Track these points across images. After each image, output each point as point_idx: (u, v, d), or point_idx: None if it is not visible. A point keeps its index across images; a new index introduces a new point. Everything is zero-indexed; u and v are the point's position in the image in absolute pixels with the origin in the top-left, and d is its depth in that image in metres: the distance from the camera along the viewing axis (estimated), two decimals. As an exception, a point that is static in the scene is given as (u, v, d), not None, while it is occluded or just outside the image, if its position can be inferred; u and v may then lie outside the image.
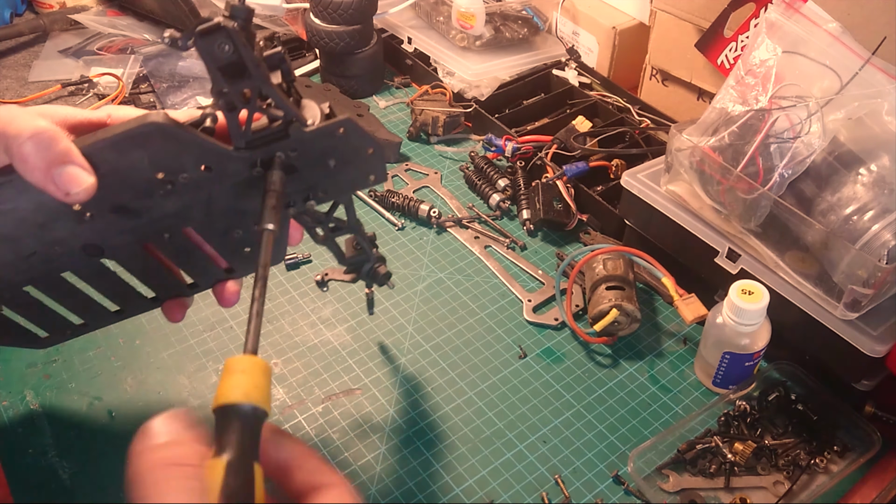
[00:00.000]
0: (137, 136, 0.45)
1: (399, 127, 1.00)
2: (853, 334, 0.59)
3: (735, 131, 0.64)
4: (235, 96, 0.45)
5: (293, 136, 0.48)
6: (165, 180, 0.47)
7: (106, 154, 0.45)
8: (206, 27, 0.42)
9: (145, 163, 0.46)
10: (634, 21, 1.00)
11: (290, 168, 0.49)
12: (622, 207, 0.78)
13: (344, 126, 0.49)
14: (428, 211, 0.84)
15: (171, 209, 0.49)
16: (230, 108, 0.45)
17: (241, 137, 0.47)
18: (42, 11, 1.20)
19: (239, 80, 0.44)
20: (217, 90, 0.44)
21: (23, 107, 0.48)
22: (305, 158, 0.49)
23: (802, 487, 0.60)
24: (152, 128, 0.44)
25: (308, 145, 0.48)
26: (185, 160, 0.47)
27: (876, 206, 0.58)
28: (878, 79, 0.61)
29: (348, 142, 0.50)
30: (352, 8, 0.97)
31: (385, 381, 0.69)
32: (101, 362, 0.69)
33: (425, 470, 0.62)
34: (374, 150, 0.51)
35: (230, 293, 0.56)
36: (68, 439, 0.63)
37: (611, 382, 0.69)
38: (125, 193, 0.47)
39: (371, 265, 0.61)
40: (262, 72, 0.44)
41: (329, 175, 0.51)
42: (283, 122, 0.47)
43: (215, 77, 0.44)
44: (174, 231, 0.51)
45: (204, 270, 0.55)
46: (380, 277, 0.62)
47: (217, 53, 0.43)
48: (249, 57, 0.43)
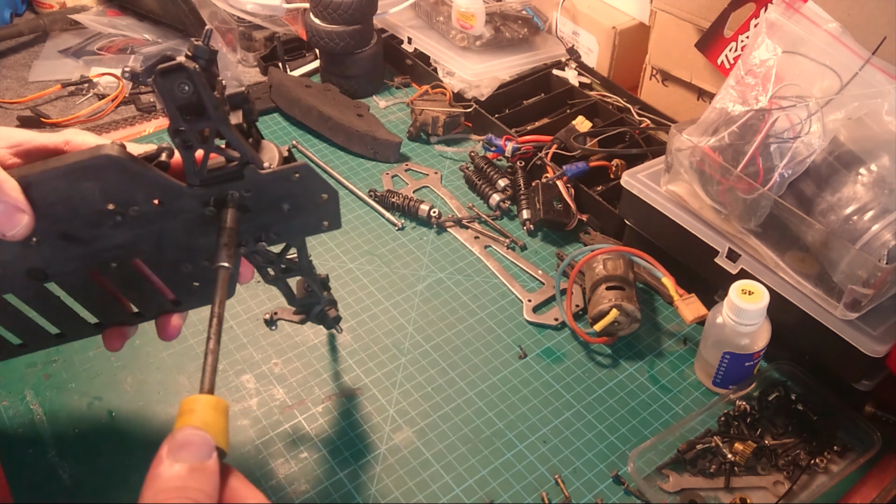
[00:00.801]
0: (90, 167, 0.45)
1: (399, 127, 1.00)
2: (853, 334, 0.59)
3: (735, 131, 0.64)
4: (192, 135, 0.45)
5: (248, 178, 0.48)
6: (116, 212, 0.47)
7: (56, 183, 0.45)
8: (166, 66, 0.42)
9: (96, 194, 0.46)
10: (634, 21, 1.00)
11: (244, 208, 0.49)
12: (622, 207, 0.78)
13: (300, 171, 0.49)
14: (428, 211, 0.84)
15: (121, 240, 0.49)
16: (186, 147, 0.45)
17: (196, 175, 0.47)
18: (42, 11, 1.20)
19: (197, 120, 0.44)
20: (174, 128, 0.44)
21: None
22: (259, 200, 0.49)
23: (802, 487, 0.60)
24: (105, 161, 0.44)
25: (262, 187, 0.49)
26: (136, 193, 0.47)
27: (876, 206, 0.58)
28: (878, 79, 0.61)
29: (304, 187, 0.50)
30: (352, 8, 0.97)
31: (385, 381, 0.69)
32: (101, 362, 0.69)
33: (425, 470, 0.62)
34: (330, 197, 0.51)
35: (172, 327, 0.56)
36: (68, 439, 0.63)
37: (611, 382, 0.69)
38: (74, 221, 0.47)
39: (321, 308, 0.61)
40: (220, 113, 0.44)
41: (282, 218, 0.51)
42: (238, 163, 0.47)
43: (173, 115, 0.44)
44: (122, 261, 0.50)
45: (150, 301, 0.55)
46: (329, 321, 0.62)
47: (176, 93, 0.43)
48: (209, 98, 0.43)
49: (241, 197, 0.49)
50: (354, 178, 0.92)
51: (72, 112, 1.01)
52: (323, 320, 0.63)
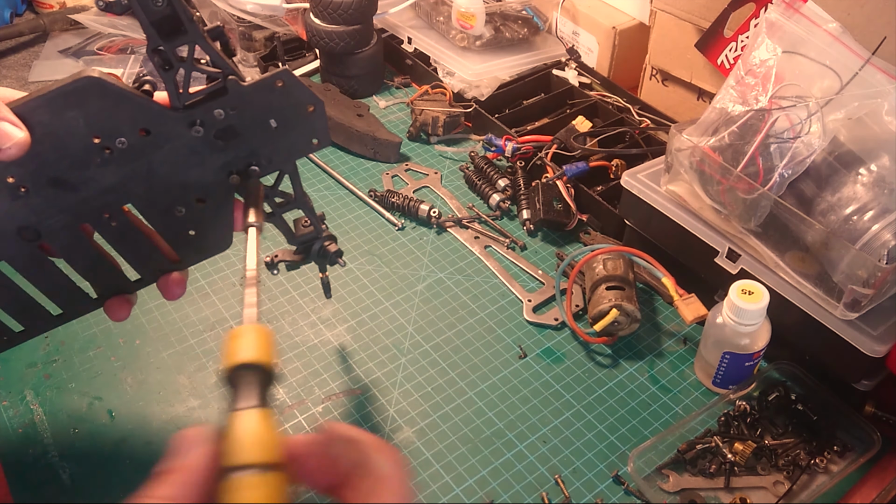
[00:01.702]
0: (72, 91, 0.44)
1: (399, 127, 1.00)
2: (853, 334, 0.59)
3: (735, 131, 0.64)
4: (171, 54, 0.44)
5: (231, 92, 0.47)
6: (102, 146, 0.46)
7: (40, 114, 0.44)
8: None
9: (80, 124, 0.45)
10: (634, 21, 1.00)
11: (231, 131, 0.48)
12: (622, 207, 0.78)
13: (282, 78, 0.48)
14: (428, 211, 0.84)
15: (110, 181, 0.47)
16: (166, 67, 0.45)
17: (179, 98, 0.46)
18: (42, 11, 1.20)
19: (174, 38, 0.44)
20: (152, 48, 0.44)
21: None
22: (246, 118, 0.48)
23: (802, 487, 0.60)
24: (87, 82, 0.44)
25: (247, 101, 0.48)
26: (121, 121, 0.46)
27: (876, 206, 0.58)
28: (878, 79, 0.61)
29: (289, 97, 0.49)
30: (352, 8, 0.97)
31: (385, 381, 0.69)
32: (101, 362, 0.69)
33: (425, 470, 0.62)
34: (316, 108, 0.50)
35: (174, 283, 0.54)
36: (68, 439, 0.63)
37: (611, 382, 0.69)
38: (61, 162, 0.46)
39: (321, 243, 0.59)
40: (197, 27, 0.44)
41: (271, 138, 0.50)
42: (221, 78, 0.47)
43: (150, 34, 0.43)
44: (114, 209, 0.49)
45: (147, 259, 0.53)
46: (330, 256, 0.60)
47: (151, 7, 0.42)
48: (183, 10, 0.43)
49: (227, 116, 0.48)
50: (354, 178, 0.92)
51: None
52: (324, 256, 0.60)
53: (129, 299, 0.55)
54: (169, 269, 0.54)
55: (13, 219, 0.47)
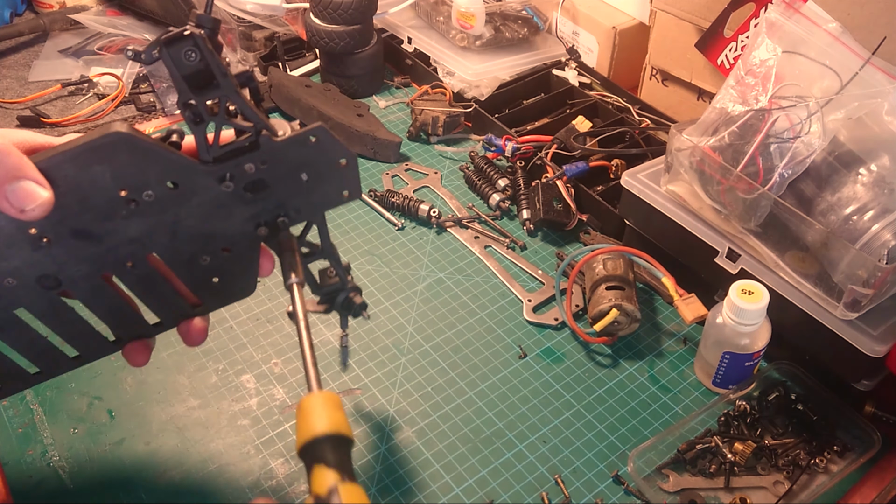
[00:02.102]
0: (100, 147, 0.42)
1: (399, 127, 1.00)
2: (853, 334, 0.59)
3: (735, 131, 0.64)
4: (202, 108, 0.43)
5: (263, 147, 0.46)
6: (129, 199, 0.45)
7: (66, 168, 0.43)
8: (172, 35, 0.41)
9: (107, 178, 0.44)
10: (634, 21, 1.00)
11: (261, 184, 0.47)
12: (622, 207, 0.78)
13: (316, 134, 0.47)
14: (428, 211, 0.84)
15: (135, 233, 0.46)
16: (197, 121, 0.44)
17: (209, 151, 0.45)
18: (42, 11, 1.20)
19: (206, 91, 0.43)
20: (183, 101, 0.43)
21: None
22: (276, 172, 0.47)
23: (802, 487, 0.60)
24: (116, 138, 0.42)
25: (279, 156, 0.47)
26: (149, 175, 0.44)
27: (876, 206, 0.58)
28: (878, 79, 0.61)
29: (321, 152, 0.48)
30: (352, 8, 0.97)
31: (385, 381, 0.69)
32: (101, 362, 0.68)
33: (425, 470, 0.62)
34: (349, 162, 0.49)
35: (196, 331, 0.53)
36: (68, 439, 0.63)
37: (611, 382, 0.69)
38: (85, 214, 0.44)
39: (346, 294, 0.57)
40: (229, 80, 0.43)
41: (301, 191, 0.49)
42: (252, 132, 0.45)
43: (181, 88, 0.43)
44: (137, 259, 0.48)
45: (169, 305, 0.52)
46: (356, 308, 0.58)
47: (183, 62, 0.42)
48: (216, 65, 0.42)
49: (257, 170, 0.46)
50: (354, 178, 0.92)
51: (72, 112, 1.01)
52: (349, 308, 0.58)
53: (149, 344, 0.53)
54: (190, 314, 0.53)
55: (33, 268, 0.45)
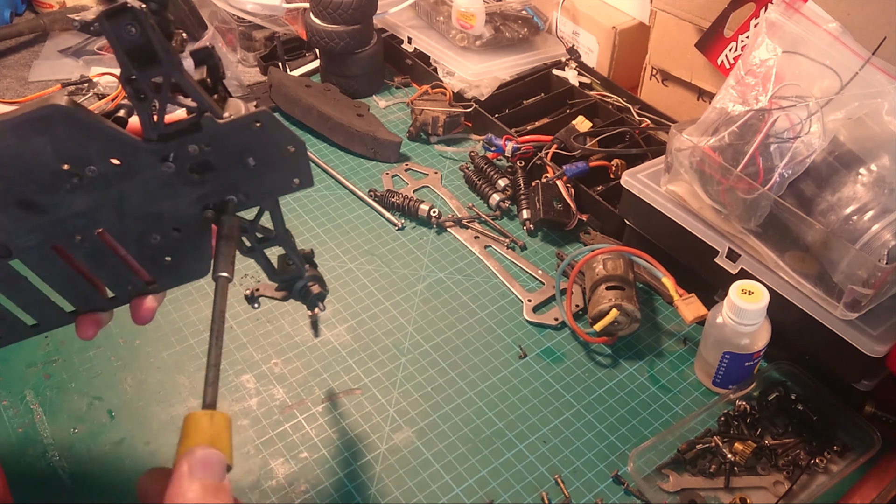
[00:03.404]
0: (38, 118, 0.42)
1: (399, 127, 1.00)
2: (853, 334, 0.59)
3: (735, 131, 0.64)
4: (144, 84, 0.43)
5: (206, 129, 0.45)
6: (71, 172, 0.44)
7: (6, 138, 0.42)
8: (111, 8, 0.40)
9: (48, 151, 0.43)
10: (634, 21, 1.00)
11: (207, 165, 0.47)
12: (622, 207, 0.78)
13: (260, 119, 0.46)
14: (428, 211, 0.84)
15: (80, 207, 0.46)
16: (140, 97, 0.43)
17: (152, 129, 0.44)
18: (42, 11, 1.21)
19: (149, 67, 0.42)
20: (125, 76, 0.42)
21: None
22: (221, 155, 0.47)
23: (802, 487, 0.60)
24: (53, 110, 0.42)
25: (223, 140, 0.46)
26: (91, 150, 0.44)
27: (876, 206, 0.58)
28: (878, 79, 0.61)
29: (267, 137, 0.47)
30: (352, 8, 0.97)
31: (385, 381, 0.69)
32: (101, 362, 0.69)
33: (425, 470, 0.62)
34: (297, 149, 0.48)
35: (145, 310, 0.52)
36: (68, 439, 0.63)
37: (611, 382, 0.69)
38: (29, 185, 0.44)
39: (304, 283, 0.57)
40: (172, 58, 0.42)
41: (249, 176, 0.48)
42: (196, 113, 0.45)
43: (123, 61, 0.42)
44: (86, 233, 0.48)
45: (122, 280, 0.51)
46: (311, 298, 0.57)
47: (123, 35, 0.41)
48: (158, 41, 0.41)
49: (201, 151, 0.46)
50: (354, 178, 0.92)
51: (72, 112, 1.00)
52: (305, 297, 0.58)
53: (99, 319, 0.53)
54: (145, 291, 0.53)
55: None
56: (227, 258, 0.45)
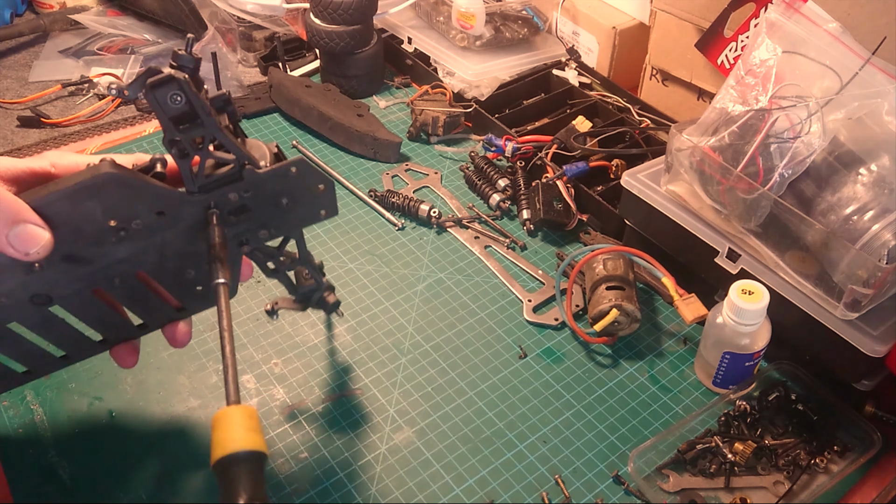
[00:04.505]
0: (91, 187, 0.45)
1: (399, 127, 1.00)
2: (853, 334, 0.59)
3: (735, 131, 0.64)
4: (188, 144, 0.45)
5: (247, 179, 0.49)
6: (118, 227, 0.47)
7: (59, 206, 0.45)
8: (156, 79, 0.43)
9: (98, 212, 0.46)
10: (634, 21, 1.00)
11: (243, 209, 0.50)
12: (622, 207, 0.78)
13: (297, 166, 0.50)
14: (428, 211, 0.84)
15: (124, 255, 0.49)
16: (183, 155, 0.46)
17: (195, 182, 0.47)
18: (42, 11, 1.20)
19: (191, 128, 0.45)
20: (169, 139, 0.45)
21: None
22: (258, 199, 0.50)
23: (802, 487, 0.60)
24: (106, 178, 0.45)
25: (261, 186, 0.49)
26: (138, 207, 0.47)
27: (876, 206, 0.58)
28: (878, 79, 0.61)
29: (301, 180, 0.51)
30: (352, 8, 0.97)
31: (385, 381, 0.69)
32: (101, 362, 0.69)
33: (425, 470, 0.62)
34: (326, 187, 0.52)
35: (182, 334, 0.56)
36: (68, 439, 0.63)
37: (611, 382, 0.69)
38: (77, 243, 0.47)
39: (320, 294, 0.62)
40: (213, 119, 0.45)
41: (281, 213, 0.52)
42: (236, 165, 0.48)
43: (167, 127, 0.44)
44: (126, 276, 0.50)
45: (154, 311, 0.55)
46: (328, 306, 0.63)
47: (169, 104, 0.43)
48: (201, 106, 0.44)
49: (240, 198, 0.49)
50: (354, 178, 0.92)
51: (72, 112, 1.01)
52: (323, 306, 0.63)
53: (135, 346, 0.57)
54: (174, 317, 0.56)
55: (26, 289, 0.48)
56: (223, 264, 0.47)
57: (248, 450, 0.37)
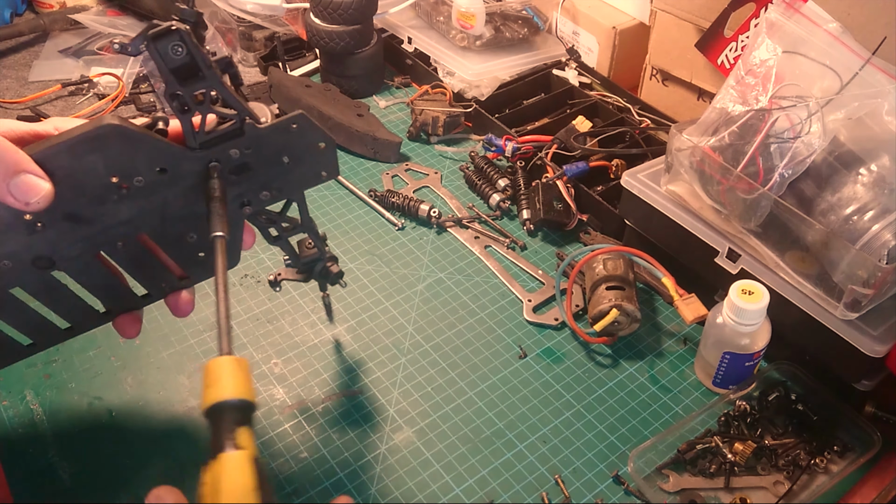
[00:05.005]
0: (93, 138, 0.44)
1: (399, 127, 1.00)
2: (853, 334, 0.59)
3: (735, 131, 0.64)
4: (189, 98, 0.45)
5: (248, 134, 0.48)
6: (120, 184, 0.47)
7: (60, 159, 0.45)
8: (158, 30, 0.43)
9: (100, 167, 0.46)
10: (634, 21, 1.00)
11: (244, 167, 0.50)
12: (622, 207, 0.78)
13: (297, 121, 0.50)
14: (428, 211, 0.84)
15: (125, 215, 0.48)
16: (184, 110, 0.46)
17: (196, 138, 0.47)
18: (42, 11, 1.20)
19: (192, 82, 0.45)
20: (170, 93, 0.45)
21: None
22: (259, 156, 0.50)
23: (802, 487, 0.60)
24: (108, 129, 0.44)
25: (262, 142, 0.49)
26: (139, 162, 0.47)
27: (876, 206, 0.58)
28: (878, 79, 0.61)
29: (302, 137, 0.50)
30: (352, 8, 0.97)
31: (385, 381, 0.69)
32: (101, 362, 0.69)
33: (425, 470, 0.62)
34: (327, 145, 0.52)
35: (184, 302, 0.55)
36: (68, 439, 0.63)
37: (611, 382, 0.69)
38: (79, 200, 0.47)
39: (323, 264, 0.62)
40: (214, 73, 0.45)
41: (283, 172, 0.52)
42: (237, 120, 0.48)
43: (169, 80, 0.44)
44: (128, 239, 0.50)
45: (157, 278, 0.54)
46: (332, 276, 0.62)
47: (170, 56, 0.43)
48: (202, 58, 0.44)
49: (241, 155, 0.49)
50: (354, 178, 0.92)
51: (72, 112, 1.01)
52: (326, 276, 0.63)
53: (138, 316, 0.56)
54: (178, 286, 0.55)
55: (29, 250, 0.48)
56: (222, 218, 0.47)
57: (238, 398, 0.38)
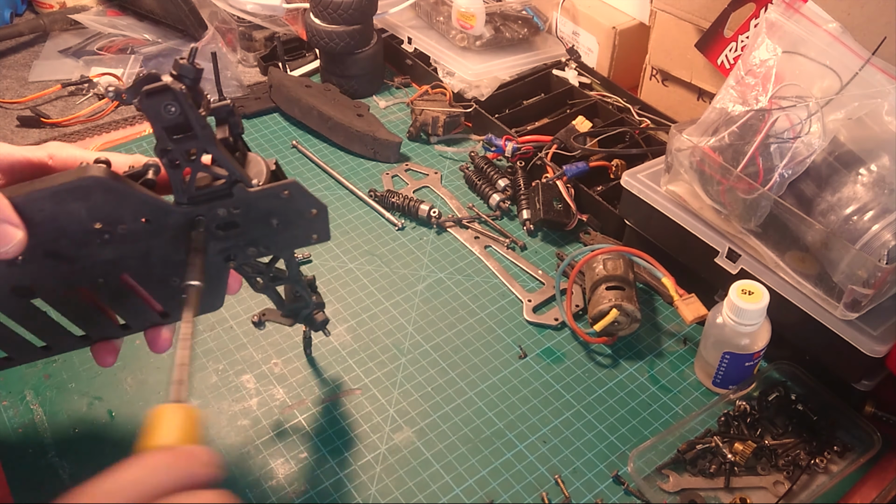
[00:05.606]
0: (76, 189, 0.44)
1: (399, 127, 1.00)
2: (853, 334, 0.59)
3: (735, 131, 0.64)
4: (180, 154, 0.45)
5: (237, 196, 0.48)
6: (103, 230, 0.46)
7: (42, 204, 0.44)
8: (152, 87, 0.42)
9: (83, 213, 0.45)
10: (634, 21, 1.00)
11: (232, 224, 0.49)
12: (622, 207, 0.78)
13: (289, 189, 0.49)
14: (428, 211, 0.84)
15: (108, 257, 0.48)
16: (174, 165, 0.45)
17: (184, 193, 0.47)
18: (42, 11, 1.20)
19: (184, 140, 0.44)
20: (161, 148, 0.44)
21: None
22: (248, 216, 0.49)
23: (802, 487, 0.60)
24: (91, 182, 0.44)
25: (251, 204, 0.48)
26: (124, 212, 0.46)
27: (876, 206, 0.58)
28: (878, 79, 0.61)
29: (293, 203, 0.50)
30: (352, 8, 0.97)
31: (385, 381, 0.69)
32: (101, 362, 0.69)
33: (425, 470, 0.62)
34: (319, 212, 0.51)
35: (163, 340, 0.55)
36: (68, 439, 0.63)
37: (611, 382, 0.69)
38: (60, 241, 0.46)
39: (309, 311, 0.61)
40: (207, 133, 0.44)
41: (271, 233, 0.51)
42: (227, 181, 0.47)
43: (160, 135, 0.44)
44: (110, 277, 0.50)
45: (138, 314, 0.54)
46: (317, 324, 0.63)
47: (162, 113, 0.42)
48: (196, 118, 0.43)
49: (229, 214, 0.48)
50: (354, 178, 0.92)
51: (72, 112, 1.01)
52: (311, 323, 0.63)
53: (116, 346, 0.56)
54: (158, 322, 0.55)
55: (8, 280, 0.47)
56: (198, 268, 0.46)
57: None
